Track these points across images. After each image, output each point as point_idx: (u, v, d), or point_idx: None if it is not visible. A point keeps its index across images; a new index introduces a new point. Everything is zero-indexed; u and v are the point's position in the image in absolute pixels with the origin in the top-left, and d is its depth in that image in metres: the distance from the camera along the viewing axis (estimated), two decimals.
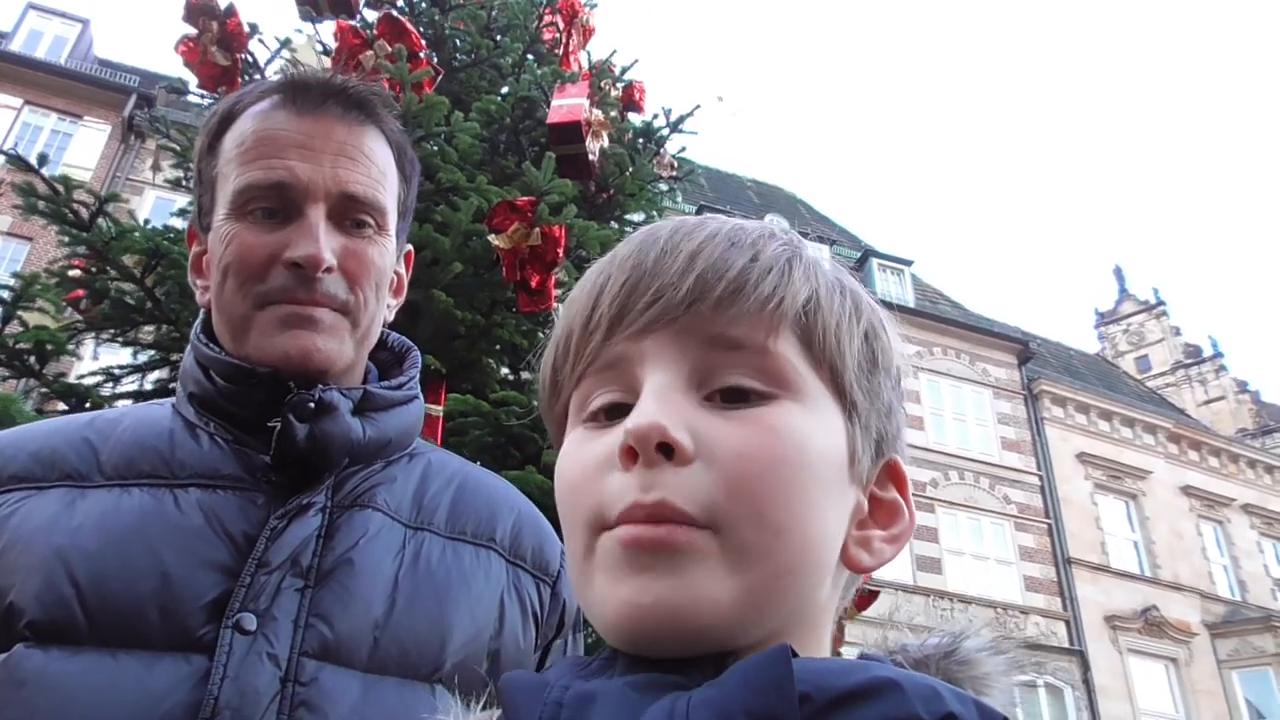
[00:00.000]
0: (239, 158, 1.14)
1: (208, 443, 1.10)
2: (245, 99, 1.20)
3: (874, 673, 0.53)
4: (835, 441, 0.63)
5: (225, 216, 1.14)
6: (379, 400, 1.16)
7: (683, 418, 0.60)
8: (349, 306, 1.14)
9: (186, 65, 4.40)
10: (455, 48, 5.47)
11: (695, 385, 0.62)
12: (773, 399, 0.62)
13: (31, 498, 1.03)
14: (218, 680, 0.93)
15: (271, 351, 1.10)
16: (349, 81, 1.20)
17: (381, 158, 1.20)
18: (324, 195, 1.13)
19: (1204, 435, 27.16)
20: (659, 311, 0.63)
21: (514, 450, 3.74)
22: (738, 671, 0.54)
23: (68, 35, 22.96)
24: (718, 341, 0.62)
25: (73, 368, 8.53)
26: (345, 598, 1.02)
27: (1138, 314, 39.92)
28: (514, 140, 5.04)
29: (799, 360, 0.63)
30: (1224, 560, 24.87)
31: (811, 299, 0.64)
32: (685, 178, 5.98)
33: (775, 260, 0.65)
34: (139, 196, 18.18)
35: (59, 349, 4.18)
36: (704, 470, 0.59)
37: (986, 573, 21.42)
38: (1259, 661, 22.00)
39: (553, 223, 3.84)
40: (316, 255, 1.10)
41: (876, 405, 0.67)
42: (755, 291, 0.62)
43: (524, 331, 4.44)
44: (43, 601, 0.94)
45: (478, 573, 1.13)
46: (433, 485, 1.18)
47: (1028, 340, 25.75)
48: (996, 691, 0.64)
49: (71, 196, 4.25)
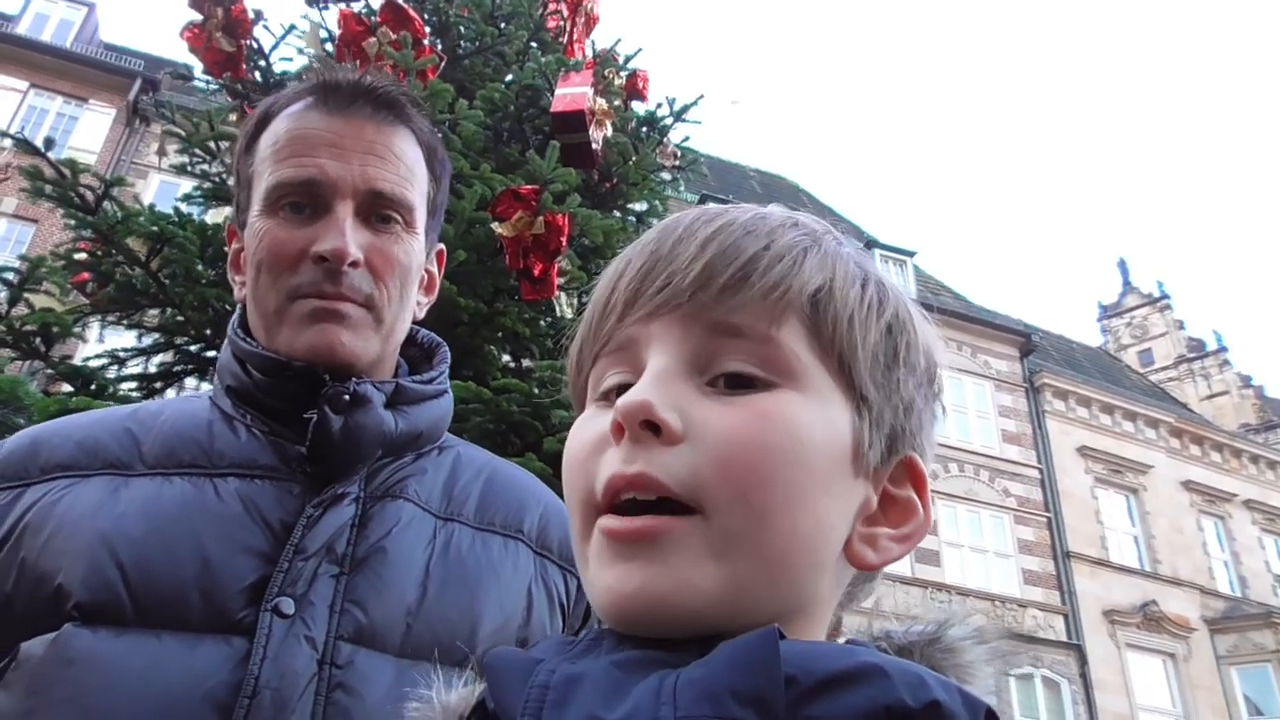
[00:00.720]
0: (273, 157, 1.18)
1: (245, 434, 1.14)
2: (281, 101, 1.24)
3: (860, 658, 0.53)
4: (836, 433, 0.63)
5: (258, 213, 1.18)
6: (410, 394, 1.19)
7: (674, 399, 0.61)
8: (373, 301, 1.17)
9: (191, 51, 4.42)
10: (459, 35, 5.47)
11: (697, 370, 0.63)
12: (773, 387, 0.62)
13: (77, 485, 1.06)
14: (258, 661, 0.96)
15: (299, 345, 1.14)
16: (379, 82, 1.23)
17: (410, 157, 1.23)
18: (352, 192, 1.17)
19: (1206, 430, 27.09)
20: (667, 296, 0.64)
21: (514, 437, 3.76)
22: (725, 651, 0.54)
23: (73, 19, 22.95)
24: (720, 328, 0.63)
25: (78, 350, 8.57)
26: (379, 585, 1.05)
27: (1141, 307, 39.78)
28: (518, 128, 5.05)
29: (805, 350, 0.63)
30: (1225, 556, 24.82)
31: (824, 288, 0.64)
32: (688, 167, 5.98)
33: (789, 249, 0.65)
34: (143, 180, 18.17)
35: (65, 331, 4.21)
36: (690, 451, 0.60)
37: (985, 566, 21.41)
38: (1259, 658, 21.98)
39: (556, 211, 3.85)
40: (342, 249, 1.13)
41: (893, 401, 0.66)
42: (762, 279, 0.62)
43: (526, 319, 4.46)
44: (89, 584, 0.97)
45: (506, 563, 1.16)
46: (462, 477, 1.22)
47: (1030, 333, 25.66)
48: (979, 680, 0.64)
49: (78, 180, 4.28)
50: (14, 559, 1.01)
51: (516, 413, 3.79)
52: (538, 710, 0.55)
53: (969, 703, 0.52)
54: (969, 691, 0.53)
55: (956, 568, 20.80)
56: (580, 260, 4.58)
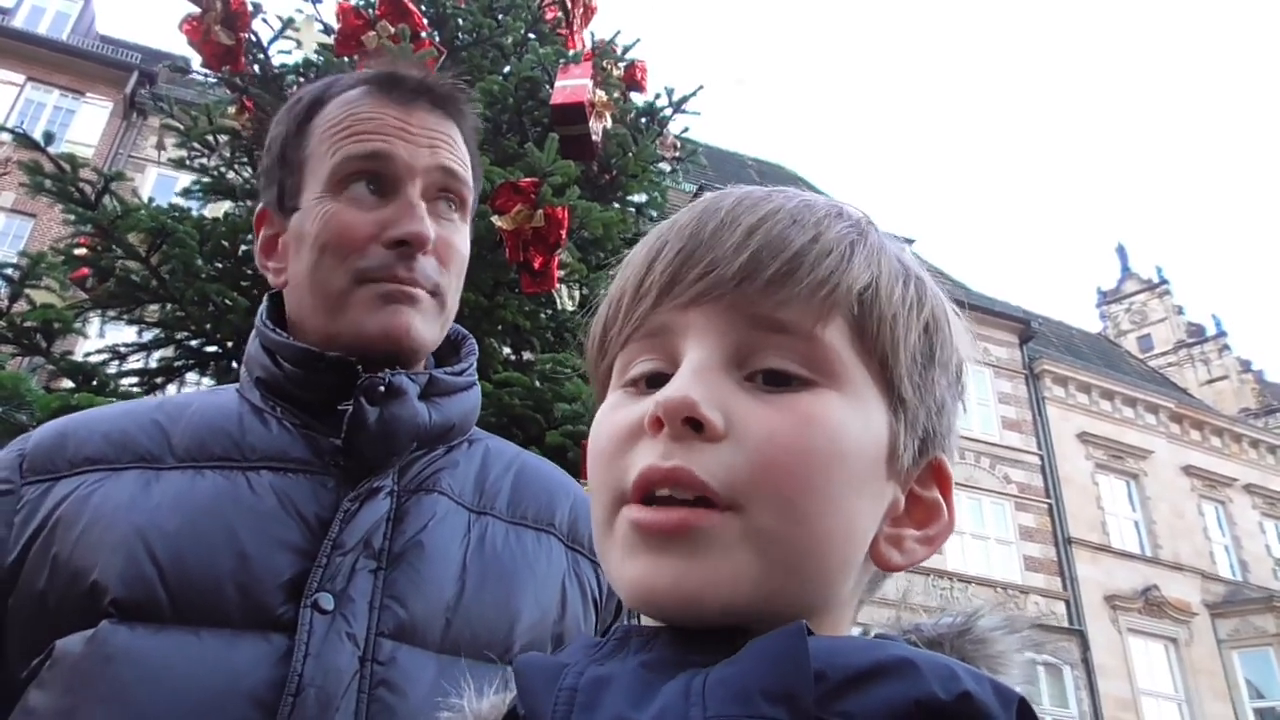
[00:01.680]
0: (333, 136, 1.17)
1: (276, 427, 1.12)
2: (336, 86, 1.23)
3: (890, 651, 0.53)
4: (874, 436, 0.62)
5: (321, 195, 1.16)
6: (443, 385, 1.18)
7: (717, 396, 0.60)
8: (440, 289, 1.17)
9: (190, 44, 4.40)
10: (457, 27, 5.45)
11: (736, 364, 0.62)
12: (813, 386, 0.61)
13: (108, 479, 1.04)
14: (300, 658, 0.94)
15: (371, 327, 1.12)
16: (440, 80, 1.24)
17: (463, 153, 1.24)
18: (422, 174, 1.16)
19: (1206, 415, 27.09)
20: (708, 285, 0.62)
21: (516, 430, 3.76)
22: (753, 649, 0.54)
23: (70, 11, 22.89)
24: (764, 322, 0.61)
25: (79, 345, 8.55)
26: (417, 580, 1.04)
27: (1140, 293, 39.79)
28: (517, 121, 5.04)
29: (847, 350, 0.62)
30: (1225, 540, 24.85)
31: (870, 286, 0.63)
32: (687, 158, 5.97)
33: (837, 243, 0.63)
34: (141, 174, 18.15)
35: (66, 327, 4.20)
36: (732, 450, 0.59)
37: (986, 552, 21.44)
38: (1260, 642, 22.03)
39: (556, 204, 3.85)
40: (423, 233, 1.13)
41: (927, 402, 0.65)
42: (810, 275, 0.61)
43: (526, 312, 4.46)
44: (126, 580, 0.96)
45: (540, 557, 1.15)
46: (493, 470, 1.21)
47: (1029, 319, 25.63)
48: (1013, 669, 0.64)
49: (77, 175, 4.27)
50: (46, 554, 0.99)
51: (518, 406, 3.79)
52: (566, 714, 0.55)
53: (1001, 694, 0.51)
54: (1000, 682, 0.53)
55: (958, 555, 20.81)
56: (580, 253, 4.57)
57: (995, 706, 0.50)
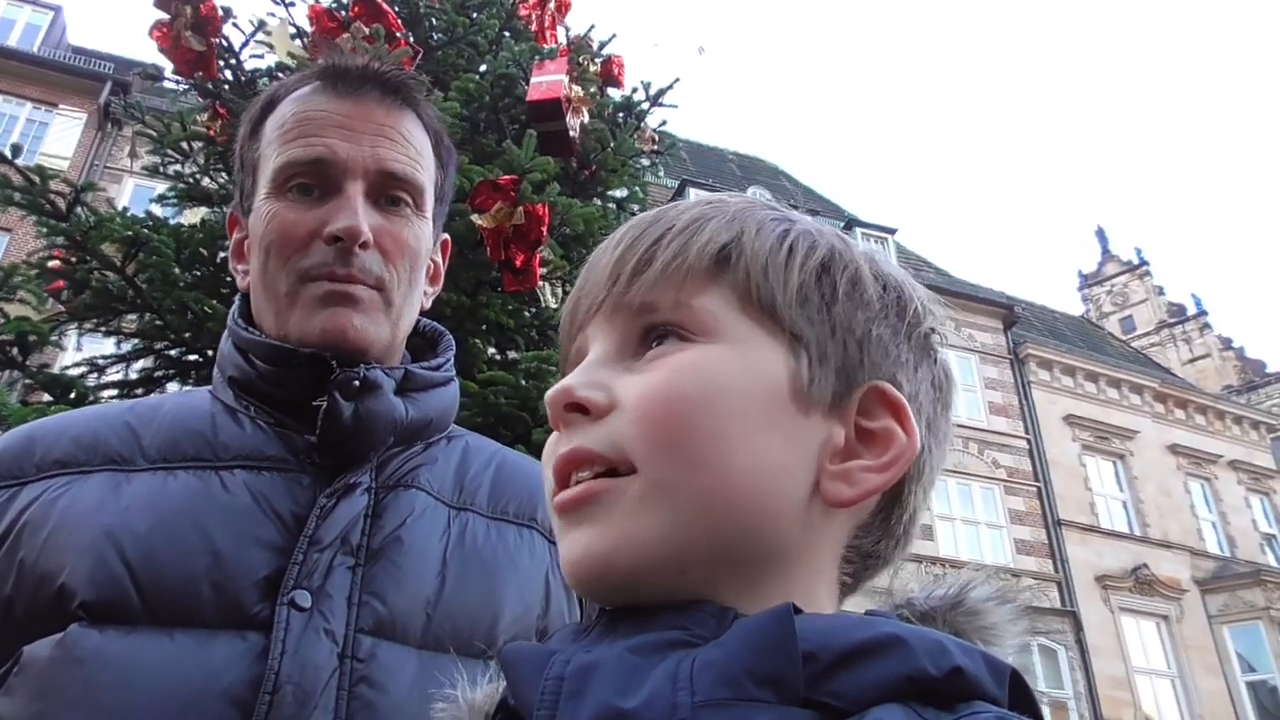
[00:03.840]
0: (279, 139, 1.17)
1: (249, 425, 1.11)
2: (287, 86, 1.23)
3: (879, 629, 0.52)
4: (764, 373, 0.63)
5: (266, 196, 1.16)
6: (419, 380, 1.17)
7: (598, 379, 0.64)
8: (384, 284, 1.15)
9: (161, 51, 4.37)
10: (431, 26, 5.42)
11: (628, 353, 0.66)
12: (689, 343, 0.64)
13: (77, 482, 1.03)
14: (277, 655, 0.93)
15: (311, 329, 1.11)
16: (387, 68, 1.22)
17: (419, 141, 1.22)
18: (363, 173, 1.15)
19: (1190, 393, 27.33)
20: (590, 301, 0.68)
21: (503, 429, 3.74)
22: (740, 630, 0.54)
23: (40, 23, 22.68)
24: (637, 309, 0.65)
25: (57, 358, 8.48)
26: (397, 575, 1.03)
27: (1121, 275, 40.08)
28: (494, 118, 5.01)
29: (720, 307, 0.64)
30: (1212, 517, 25.06)
31: (731, 243, 0.65)
32: (667, 152, 5.96)
33: (691, 222, 0.67)
34: (118, 185, 18.04)
35: (42, 340, 4.15)
36: (617, 417, 0.62)
37: (977, 537, 21.55)
38: (1249, 616, 22.22)
39: (535, 201, 3.83)
40: (356, 228, 1.11)
41: (838, 334, 0.65)
42: (662, 254, 0.65)
43: (510, 311, 4.43)
44: (95, 582, 0.94)
45: (522, 552, 1.14)
46: (473, 466, 1.20)
47: (1013, 305, 25.82)
48: (1005, 642, 0.64)
49: (48, 187, 4.22)
50: (13, 559, 0.98)
51: (504, 405, 3.77)
52: (554, 703, 0.54)
53: (993, 666, 0.52)
54: (993, 655, 0.53)
55: (949, 540, 20.92)
56: (562, 250, 4.56)
57: (988, 680, 0.51)
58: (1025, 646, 0.64)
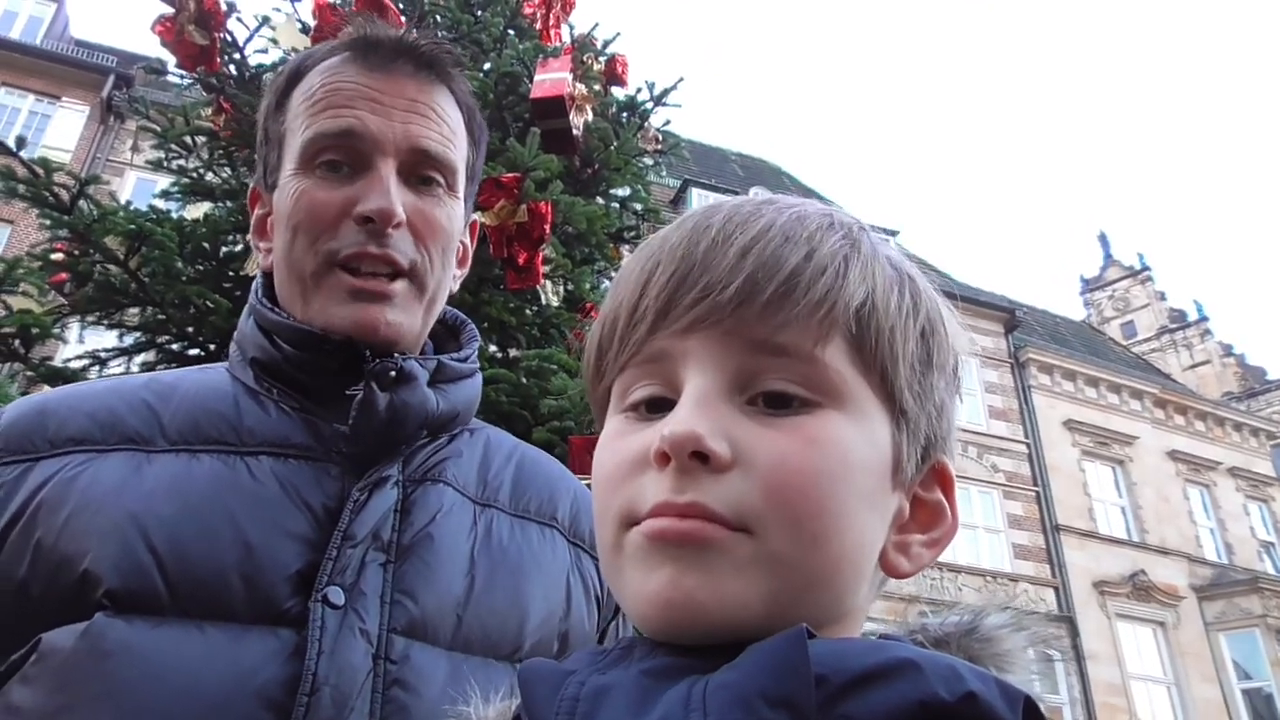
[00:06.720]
0: (307, 110, 1.12)
1: (274, 410, 1.06)
2: (314, 56, 1.17)
3: (892, 652, 0.52)
4: (879, 450, 0.62)
5: (293, 172, 1.11)
6: (450, 372, 1.14)
7: (721, 425, 0.59)
8: (417, 267, 1.11)
9: (164, 45, 4.37)
10: (435, 23, 5.41)
11: (738, 389, 0.61)
12: (816, 407, 0.60)
13: (94, 460, 0.97)
14: (314, 655, 0.89)
15: (338, 318, 1.07)
16: (421, 40, 1.16)
17: (453, 118, 1.17)
18: (394, 150, 1.10)
19: (1190, 400, 27.25)
20: (705, 310, 0.61)
21: (504, 427, 3.73)
22: (753, 654, 0.53)
23: (43, 15, 22.69)
24: (763, 346, 0.60)
25: (58, 351, 8.49)
26: (427, 574, 0.99)
27: (1123, 280, 40.05)
28: (497, 116, 5.00)
29: (847, 367, 0.61)
30: (1211, 524, 25.00)
31: (866, 301, 0.62)
32: (670, 151, 5.95)
33: (831, 258, 0.62)
34: (119, 178, 18.01)
35: (44, 333, 4.16)
36: (741, 478, 0.58)
37: (975, 541, 21.52)
38: (1246, 623, 22.18)
39: (539, 199, 3.83)
40: (389, 209, 1.07)
41: (927, 408, 0.65)
42: (806, 295, 0.60)
43: (512, 309, 4.44)
44: (121, 569, 0.89)
45: (545, 552, 1.11)
46: (494, 461, 1.16)
47: (1014, 308, 25.77)
48: (1018, 668, 0.63)
49: (52, 179, 4.22)
50: (27, 540, 0.92)
51: (505, 403, 3.77)
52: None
53: (1006, 693, 0.51)
54: (1006, 681, 0.52)
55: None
56: (564, 248, 4.56)
57: (1001, 706, 0.50)
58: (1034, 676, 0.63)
